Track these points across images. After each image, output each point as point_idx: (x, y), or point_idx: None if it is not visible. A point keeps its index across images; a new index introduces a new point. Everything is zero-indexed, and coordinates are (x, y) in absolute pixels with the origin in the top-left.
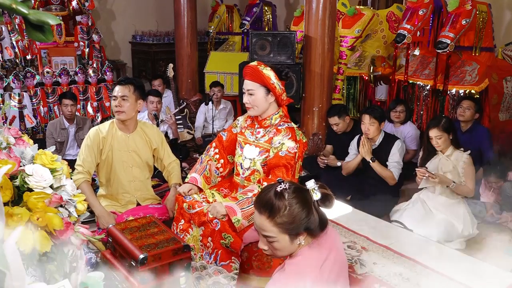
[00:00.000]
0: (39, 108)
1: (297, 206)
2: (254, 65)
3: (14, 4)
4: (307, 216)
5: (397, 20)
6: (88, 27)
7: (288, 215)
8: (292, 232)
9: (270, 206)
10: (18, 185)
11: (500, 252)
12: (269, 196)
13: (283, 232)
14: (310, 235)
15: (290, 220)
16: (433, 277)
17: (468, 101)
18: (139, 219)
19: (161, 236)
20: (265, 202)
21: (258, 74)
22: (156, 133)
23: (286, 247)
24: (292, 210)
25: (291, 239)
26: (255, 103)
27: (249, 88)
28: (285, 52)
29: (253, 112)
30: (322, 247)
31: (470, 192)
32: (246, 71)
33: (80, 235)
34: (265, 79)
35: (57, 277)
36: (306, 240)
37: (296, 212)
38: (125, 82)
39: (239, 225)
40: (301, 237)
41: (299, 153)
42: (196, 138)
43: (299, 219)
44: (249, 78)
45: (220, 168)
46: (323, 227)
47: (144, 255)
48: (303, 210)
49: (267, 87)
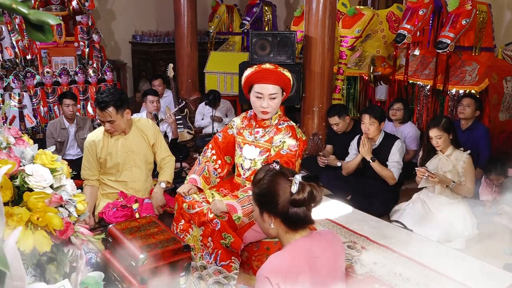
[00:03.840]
0: (39, 108)
1: (266, 185)
2: (272, 68)
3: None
4: (270, 197)
5: (397, 20)
6: (88, 27)
7: (258, 187)
8: (259, 205)
9: (255, 174)
10: (18, 185)
11: (500, 252)
12: (261, 168)
13: (254, 202)
14: (285, 226)
15: (258, 192)
16: (433, 277)
17: (468, 99)
18: (139, 219)
19: (161, 236)
20: (257, 171)
21: (280, 76)
22: (151, 128)
23: (259, 221)
24: (261, 185)
25: (260, 213)
26: (276, 107)
27: (272, 92)
28: (285, 52)
29: (269, 115)
30: (296, 253)
31: (469, 192)
32: (261, 75)
33: (80, 235)
34: (286, 81)
35: (57, 277)
36: (281, 229)
37: (263, 189)
38: (104, 107)
39: (239, 222)
40: (266, 217)
41: (299, 151)
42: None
43: (263, 196)
44: (270, 81)
45: (218, 169)
46: (292, 225)
47: (144, 255)
48: (268, 191)
49: (285, 88)
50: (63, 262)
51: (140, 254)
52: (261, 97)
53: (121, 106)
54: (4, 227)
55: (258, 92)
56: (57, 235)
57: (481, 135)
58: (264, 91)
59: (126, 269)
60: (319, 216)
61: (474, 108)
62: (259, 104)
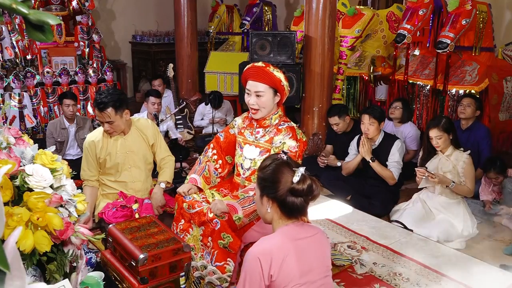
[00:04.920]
0: (39, 108)
1: (271, 171)
2: (262, 66)
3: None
4: (272, 183)
5: (397, 20)
6: (88, 27)
7: (263, 172)
8: (260, 189)
9: (263, 161)
10: (18, 185)
11: (500, 252)
12: (269, 155)
13: (257, 186)
14: (281, 212)
15: (262, 177)
16: (433, 277)
17: (468, 98)
18: (139, 219)
19: (161, 236)
20: (265, 158)
21: (268, 75)
22: (151, 128)
23: (258, 204)
24: (266, 171)
25: (260, 196)
26: (263, 105)
27: (258, 90)
28: (285, 52)
29: (259, 114)
30: (285, 236)
31: (469, 192)
32: (251, 72)
33: (80, 235)
34: (276, 81)
35: (57, 277)
36: (276, 214)
37: (267, 175)
38: (103, 107)
39: (239, 223)
40: (265, 201)
41: (299, 152)
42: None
43: (265, 181)
44: (257, 79)
45: (218, 169)
46: (287, 212)
47: (144, 255)
48: (272, 177)
49: (276, 88)
50: (63, 262)
51: (140, 254)
52: (250, 93)
53: (120, 106)
54: (4, 227)
55: (247, 88)
56: (57, 235)
57: (481, 135)
58: (252, 88)
59: (126, 269)
60: (319, 216)
61: (475, 108)
62: (248, 101)
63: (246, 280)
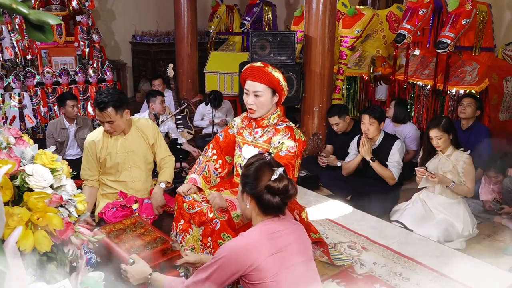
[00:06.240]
0: (39, 108)
1: (253, 169)
2: (260, 66)
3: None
4: (252, 179)
5: (397, 20)
6: (88, 27)
7: (247, 170)
8: (242, 185)
9: (249, 159)
10: (18, 185)
11: (500, 252)
12: (255, 155)
13: (240, 182)
14: (258, 209)
15: (244, 173)
16: (433, 277)
17: (468, 98)
18: (124, 221)
19: (148, 236)
20: (250, 157)
21: (267, 75)
22: (151, 128)
23: (240, 199)
24: (249, 168)
25: (241, 192)
26: (262, 105)
27: (256, 90)
28: (285, 52)
29: (257, 114)
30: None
31: (469, 192)
32: (250, 72)
33: (80, 235)
34: (274, 81)
35: (57, 277)
36: (254, 211)
37: (249, 172)
38: (103, 107)
39: (238, 221)
40: (245, 197)
41: (298, 151)
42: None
43: (247, 177)
44: (256, 79)
45: (218, 169)
46: (264, 209)
47: (133, 260)
48: (253, 175)
49: (274, 88)
50: (63, 262)
51: (130, 258)
52: (248, 93)
53: (120, 106)
54: (4, 227)
55: (246, 88)
56: (57, 235)
57: (481, 135)
58: (250, 88)
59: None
60: (319, 216)
61: (475, 107)
62: (246, 100)
63: (213, 273)
